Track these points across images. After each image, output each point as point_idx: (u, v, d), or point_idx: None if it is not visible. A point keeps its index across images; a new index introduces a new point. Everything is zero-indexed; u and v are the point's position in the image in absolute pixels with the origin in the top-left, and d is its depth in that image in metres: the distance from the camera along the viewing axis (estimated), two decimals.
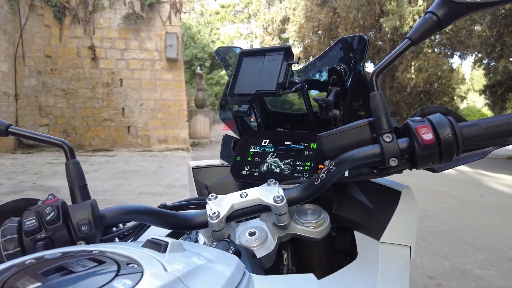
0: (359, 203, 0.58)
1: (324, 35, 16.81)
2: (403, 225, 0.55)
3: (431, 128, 0.42)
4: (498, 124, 0.42)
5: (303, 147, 0.62)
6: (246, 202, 0.49)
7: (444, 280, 2.54)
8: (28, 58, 9.15)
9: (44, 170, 6.18)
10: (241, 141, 0.68)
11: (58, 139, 0.52)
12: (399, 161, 0.43)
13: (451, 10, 0.44)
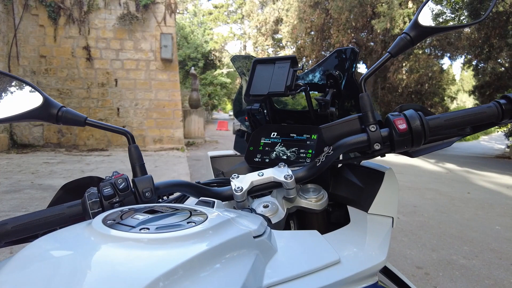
0: (351, 183, 0.71)
1: (316, 36, 17.01)
2: (386, 200, 0.68)
3: (405, 120, 0.55)
4: (454, 117, 0.56)
5: (306, 138, 0.75)
6: (263, 179, 0.62)
7: (431, 270, 2.69)
8: (23, 58, 9.15)
9: (41, 170, 6.22)
10: (253, 133, 0.81)
11: (123, 129, 0.64)
12: (381, 145, 0.57)
13: (420, 32, 0.59)
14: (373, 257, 0.55)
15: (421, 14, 0.61)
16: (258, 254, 0.39)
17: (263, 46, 26.19)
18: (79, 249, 0.33)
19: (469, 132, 0.62)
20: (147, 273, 0.28)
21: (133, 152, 0.62)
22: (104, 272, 0.29)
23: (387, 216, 0.68)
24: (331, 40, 15.71)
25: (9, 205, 3.92)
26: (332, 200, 0.74)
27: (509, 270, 2.75)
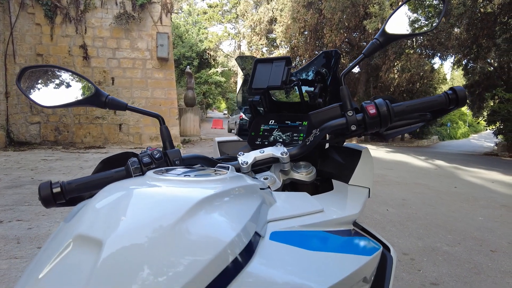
0: (334, 160, 0.88)
1: (310, 36, 17.21)
2: (363, 173, 0.85)
3: (375, 107, 0.72)
4: (414, 104, 0.73)
5: (298, 124, 0.92)
6: (263, 155, 0.78)
7: (416, 256, 2.89)
8: (19, 56, 9.20)
9: (40, 167, 6.32)
10: (254, 121, 0.98)
11: (155, 113, 0.81)
12: (356, 127, 0.74)
13: (387, 38, 0.76)
14: (349, 211, 0.72)
15: (388, 24, 0.78)
16: (263, 199, 0.56)
17: (258, 45, 26.34)
18: (141, 186, 0.49)
19: (430, 118, 0.80)
20: (194, 198, 0.43)
21: (163, 131, 0.78)
22: (163, 197, 0.43)
23: (364, 187, 0.85)
24: (324, 39, 15.93)
25: (11, 200, 4.03)
26: (320, 175, 0.91)
27: (488, 255, 2.96)
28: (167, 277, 0.31)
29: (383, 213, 4.14)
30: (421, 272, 2.58)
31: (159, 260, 0.32)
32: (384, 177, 6.88)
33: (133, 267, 0.31)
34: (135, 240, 0.34)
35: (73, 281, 0.32)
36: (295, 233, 0.50)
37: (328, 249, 0.51)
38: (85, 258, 0.33)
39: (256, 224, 0.44)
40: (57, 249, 0.36)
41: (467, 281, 2.45)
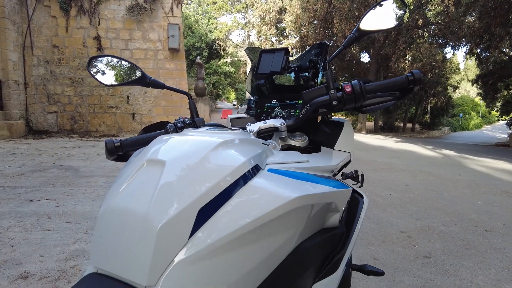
0: (323, 131, 1.09)
1: (319, 26, 17.19)
2: (345, 140, 1.06)
3: (351, 86, 0.92)
4: (382, 84, 0.93)
5: (295, 103, 1.13)
6: (267, 125, 1.00)
7: (413, 234, 3.09)
8: (36, 48, 9.53)
9: (59, 153, 6.67)
10: (260, 101, 1.19)
11: (184, 91, 1.03)
12: (337, 103, 0.94)
13: (361, 33, 0.96)
14: (331, 163, 0.93)
15: (362, 23, 0.98)
16: (264, 150, 0.78)
17: (267, 35, 26.31)
18: (183, 135, 0.71)
19: (398, 96, 1.00)
20: (217, 140, 0.64)
21: (191, 104, 1.00)
22: (198, 139, 0.65)
23: (346, 151, 1.06)
24: (333, 29, 15.90)
25: (38, 182, 4.35)
26: (312, 144, 1.12)
27: (482, 234, 3.14)
28: (201, 180, 0.53)
29: (385, 197, 4.33)
30: (416, 247, 2.78)
31: (197, 171, 0.55)
32: (390, 164, 7.03)
33: (183, 176, 0.54)
34: (185, 161, 0.56)
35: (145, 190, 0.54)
36: (285, 171, 0.71)
37: (308, 180, 0.72)
38: (153, 174, 0.56)
39: (258, 161, 0.66)
40: (134, 169, 0.58)
41: (458, 255, 2.65)
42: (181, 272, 0.48)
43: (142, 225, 0.49)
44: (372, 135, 16.80)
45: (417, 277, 2.28)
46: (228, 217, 0.53)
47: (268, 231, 0.57)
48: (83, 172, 5.01)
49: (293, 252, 0.64)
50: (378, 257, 2.54)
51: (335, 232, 0.80)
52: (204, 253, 0.50)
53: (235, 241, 0.53)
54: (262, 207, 0.56)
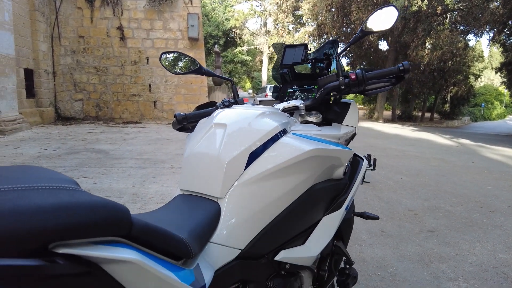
0: (334, 110, 1.35)
1: (337, 13, 17.07)
2: (351, 117, 1.32)
3: (355, 74, 1.18)
4: (380, 72, 1.19)
5: (311, 87, 1.40)
6: (289, 105, 1.27)
7: (419, 212, 3.33)
8: (64, 38, 9.99)
9: (88, 138, 7.12)
10: (283, 86, 1.47)
11: (227, 78, 1.31)
12: (345, 87, 1.20)
13: (364, 33, 1.21)
14: (338, 133, 1.20)
15: (364, 25, 1.23)
16: (289, 120, 1.05)
17: (284, 23, 26.21)
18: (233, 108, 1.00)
19: (394, 82, 1.26)
20: (258, 112, 0.93)
21: (234, 88, 1.29)
22: (245, 110, 0.94)
23: (352, 126, 1.33)
24: (351, 17, 15.78)
25: (74, 163, 4.77)
26: (325, 120, 1.39)
27: (486, 214, 3.35)
28: (250, 135, 0.82)
29: (397, 180, 4.55)
30: (421, 223, 3.03)
31: (247, 130, 0.84)
32: (403, 152, 7.19)
33: (238, 133, 0.83)
34: (239, 123, 0.86)
35: (214, 142, 0.84)
36: (304, 135, 0.99)
37: (320, 141, 1.00)
38: (219, 132, 0.85)
39: (285, 126, 0.94)
40: (205, 129, 0.88)
41: (460, 231, 2.88)
42: (239, 190, 0.78)
43: (216, 162, 0.79)
44: (389, 124, 16.77)
45: (420, 246, 2.54)
46: (266, 160, 0.82)
47: (291, 171, 0.86)
48: (113, 154, 5.42)
49: (307, 190, 0.93)
50: (385, 230, 2.81)
51: (340, 182, 1.08)
52: (252, 180, 0.79)
53: (270, 175, 0.82)
54: (287, 155, 0.85)
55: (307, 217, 0.96)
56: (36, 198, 0.37)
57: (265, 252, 0.84)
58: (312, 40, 21.88)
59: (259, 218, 0.81)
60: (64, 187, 0.43)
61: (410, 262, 2.28)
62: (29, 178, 0.42)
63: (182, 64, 1.31)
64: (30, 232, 0.34)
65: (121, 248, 0.44)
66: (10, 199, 0.36)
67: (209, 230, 0.72)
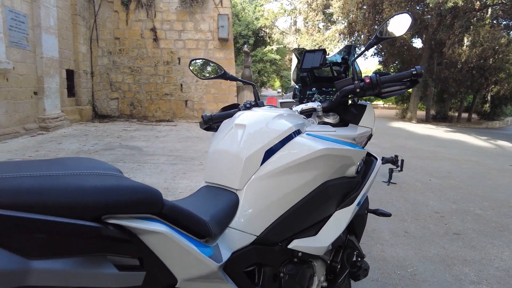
0: (351, 111, 1.42)
1: (368, 11, 16.71)
2: (367, 119, 1.38)
3: (369, 78, 1.24)
4: (395, 76, 1.24)
5: (329, 90, 1.47)
6: (307, 106, 1.35)
7: (446, 214, 3.28)
8: (101, 40, 10.52)
9: (123, 135, 7.50)
10: (303, 89, 1.55)
11: (249, 82, 1.42)
12: (360, 90, 1.27)
13: (378, 39, 1.26)
14: (352, 134, 1.26)
15: (379, 32, 1.28)
16: (304, 121, 1.14)
17: (314, 21, 25.98)
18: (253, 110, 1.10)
19: (409, 86, 1.30)
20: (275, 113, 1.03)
21: (255, 92, 1.39)
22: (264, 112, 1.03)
23: (368, 127, 1.39)
24: (383, 14, 15.40)
25: (110, 158, 5.08)
26: (342, 121, 1.46)
27: None
28: (266, 135, 0.92)
29: (425, 182, 4.47)
30: (447, 225, 2.99)
31: (264, 130, 0.94)
32: (435, 153, 6.99)
33: (256, 133, 0.93)
34: (257, 124, 0.96)
35: (234, 141, 0.94)
36: (317, 135, 1.07)
37: (333, 141, 1.08)
38: (239, 131, 0.95)
39: (299, 127, 1.03)
40: (227, 129, 0.99)
41: (488, 235, 2.82)
42: (255, 183, 0.88)
43: (235, 158, 0.89)
44: (422, 125, 16.22)
45: (443, 248, 2.52)
46: (280, 157, 0.92)
47: (303, 168, 0.95)
48: (146, 151, 5.69)
49: (320, 186, 1.01)
50: (409, 231, 2.81)
51: (352, 180, 1.15)
52: (267, 175, 0.89)
53: (284, 171, 0.91)
54: (300, 153, 0.93)
55: (319, 210, 1.04)
56: (92, 181, 0.50)
57: (279, 240, 0.93)
58: (342, 38, 21.55)
59: (273, 209, 0.90)
60: (112, 173, 0.55)
61: (432, 263, 2.28)
62: (86, 166, 0.54)
63: (209, 69, 1.44)
64: (88, 205, 0.46)
65: (154, 223, 0.55)
66: (75, 180, 0.48)
67: (229, 216, 0.83)
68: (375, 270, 2.13)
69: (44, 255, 0.43)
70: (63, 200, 0.44)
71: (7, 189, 0.41)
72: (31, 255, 0.42)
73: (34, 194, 0.42)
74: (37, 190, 0.43)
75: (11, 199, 0.40)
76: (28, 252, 0.41)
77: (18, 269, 0.40)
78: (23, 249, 0.41)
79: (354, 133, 1.25)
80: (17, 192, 0.41)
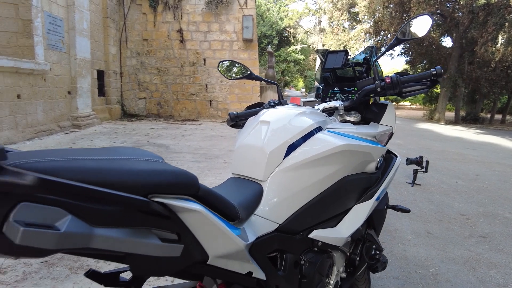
0: (372, 110, 1.46)
1: (395, 10, 16.34)
2: (388, 117, 1.41)
3: (390, 78, 1.28)
4: (414, 76, 1.28)
5: (351, 89, 1.52)
6: (329, 105, 1.40)
7: (472, 217, 3.21)
8: (130, 41, 10.91)
9: (151, 133, 7.76)
10: (325, 88, 1.60)
11: (273, 81, 1.49)
12: (380, 90, 1.31)
13: (399, 41, 1.30)
14: (373, 131, 1.31)
15: (400, 32, 1.32)
16: (325, 119, 1.20)
17: (339, 21, 25.66)
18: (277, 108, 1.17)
19: (429, 85, 1.33)
20: (297, 111, 1.09)
21: (278, 91, 1.46)
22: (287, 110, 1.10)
23: (389, 125, 1.42)
24: (411, 13, 15.03)
25: None
26: (364, 120, 1.50)
27: None
28: (289, 131, 0.99)
29: (451, 184, 4.37)
30: (473, 228, 2.93)
31: (287, 126, 1.01)
32: (463, 155, 6.78)
33: (279, 129, 1.00)
34: (280, 121, 1.03)
35: (259, 136, 1.01)
36: (338, 132, 1.13)
37: (353, 138, 1.13)
38: (264, 128, 1.03)
39: (321, 124, 1.09)
40: (252, 126, 1.06)
41: None
42: (279, 175, 0.95)
43: (260, 152, 0.97)
44: (450, 126, 15.69)
45: (468, 250, 2.49)
46: (302, 152, 0.98)
47: (323, 163, 1.01)
48: (172, 149, 5.88)
49: (340, 180, 1.07)
50: (432, 232, 2.79)
51: (372, 175, 1.20)
52: (289, 168, 0.96)
53: (305, 165, 0.98)
54: (321, 148, 1.00)
55: (339, 203, 1.10)
56: (141, 165, 0.59)
57: (300, 229, 1.00)
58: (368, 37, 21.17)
59: (295, 199, 0.97)
60: (156, 160, 0.64)
61: (455, 265, 2.26)
62: (135, 153, 0.64)
63: (235, 70, 1.51)
64: (138, 185, 0.55)
65: (191, 202, 0.64)
66: (128, 164, 0.57)
67: (254, 204, 0.90)
68: (395, 269, 2.14)
69: (104, 224, 0.52)
70: (118, 179, 0.53)
71: (76, 168, 0.50)
72: (95, 223, 0.51)
73: (97, 173, 0.51)
74: (99, 170, 0.52)
75: (80, 176, 0.49)
76: (93, 220, 0.50)
77: (85, 233, 0.49)
78: (89, 217, 0.50)
79: (375, 131, 1.29)
80: (84, 171, 0.50)
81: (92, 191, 0.48)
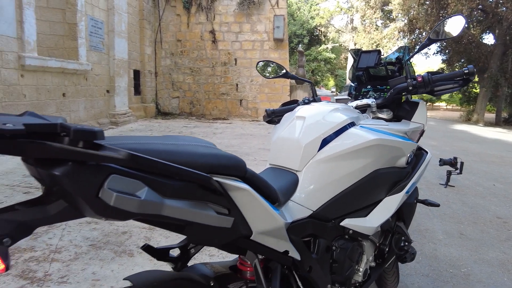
0: (404, 108, 1.50)
1: (432, 6, 15.76)
2: (420, 115, 1.44)
3: (422, 77, 1.32)
4: (446, 75, 1.31)
5: (384, 88, 1.57)
6: (362, 102, 1.46)
7: (511, 221, 3.11)
8: (164, 42, 11.31)
9: (184, 131, 8.04)
10: (358, 87, 1.66)
11: (307, 80, 1.58)
12: (412, 88, 1.35)
13: (430, 41, 1.33)
14: (404, 128, 1.35)
15: (432, 33, 1.35)
16: (358, 115, 1.26)
17: (371, 19, 25.09)
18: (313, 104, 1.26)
19: (462, 84, 1.36)
20: (332, 107, 1.17)
21: (313, 89, 1.54)
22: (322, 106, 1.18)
23: (420, 123, 1.46)
24: (448, 9, 14.44)
25: None
26: (396, 117, 1.55)
27: None
28: (324, 125, 1.07)
29: (488, 186, 4.23)
30: (511, 231, 2.85)
31: (321, 121, 1.09)
32: (502, 158, 6.49)
33: (314, 123, 1.09)
34: (315, 116, 1.11)
35: (295, 130, 1.10)
36: (370, 127, 1.19)
37: (384, 133, 1.19)
38: (299, 123, 1.11)
39: (354, 120, 1.16)
40: (289, 121, 1.16)
41: None
42: (313, 166, 1.04)
43: (296, 144, 1.06)
44: (490, 128, 14.94)
45: (503, 253, 2.44)
46: (336, 145, 1.06)
47: (355, 156, 1.08)
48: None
49: (371, 173, 1.13)
50: (465, 233, 2.74)
51: (403, 170, 1.25)
52: (323, 160, 1.04)
53: (338, 157, 1.05)
54: (353, 142, 1.07)
55: (370, 194, 1.17)
56: (201, 149, 0.70)
57: (332, 217, 1.08)
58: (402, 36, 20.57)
59: (328, 189, 1.05)
60: (211, 146, 0.75)
61: (489, 266, 2.23)
62: (194, 140, 0.75)
63: (269, 69, 1.61)
64: (199, 165, 0.66)
65: (240, 183, 0.74)
66: (190, 148, 0.68)
67: (291, 191, 0.99)
68: (425, 267, 2.15)
69: (172, 196, 0.63)
70: (184, 160, 0.64)
71: (152, 150, 0.61)
72: (165, 195, 0.62)
73: (169, 155, 0.63)
74: (168, 152, 0.63)
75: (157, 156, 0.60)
76: (164, 192, 0.62)
77: (158, 202, 0.60)
78: (161, 190, 0.61)
79: (406, 128, 1.34)
80: (159, 152, 0.62)
81: (170, 167, 0.59)
